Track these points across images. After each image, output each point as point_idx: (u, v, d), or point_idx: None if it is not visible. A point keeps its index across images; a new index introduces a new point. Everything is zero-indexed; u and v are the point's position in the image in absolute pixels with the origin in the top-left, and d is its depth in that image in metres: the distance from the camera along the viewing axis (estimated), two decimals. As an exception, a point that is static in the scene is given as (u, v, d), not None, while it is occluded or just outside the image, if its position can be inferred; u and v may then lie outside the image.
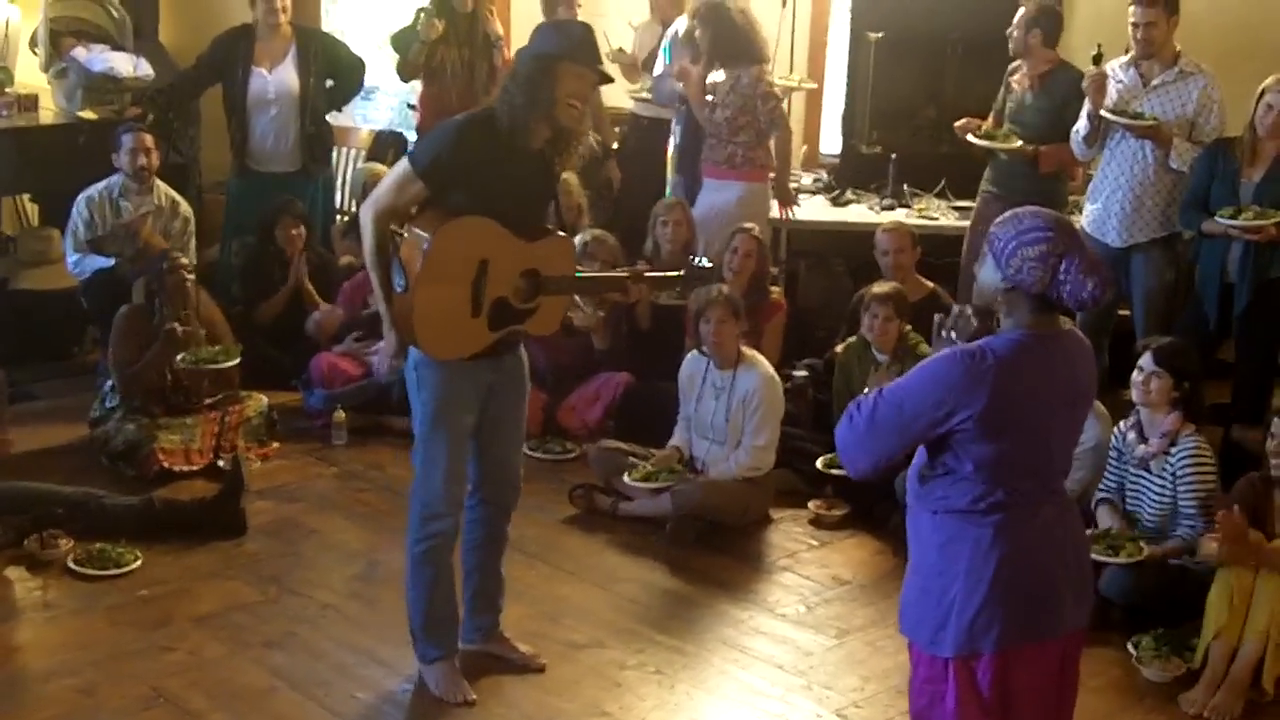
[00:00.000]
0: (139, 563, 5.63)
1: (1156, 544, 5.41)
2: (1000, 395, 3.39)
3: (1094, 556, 5.19)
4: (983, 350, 3.43)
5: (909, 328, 6.41)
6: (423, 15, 8.15)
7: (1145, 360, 5.51)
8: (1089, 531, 5.26)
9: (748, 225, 7.07)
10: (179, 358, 6.62)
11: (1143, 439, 5.55)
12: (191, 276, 6.78)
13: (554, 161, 4.60)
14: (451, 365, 4.55)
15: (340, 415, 6.92)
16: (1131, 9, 6.61)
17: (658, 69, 8.12)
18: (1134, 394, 5.55)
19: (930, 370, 3.50)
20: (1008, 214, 3.53)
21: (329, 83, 8.07)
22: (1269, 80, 6.34)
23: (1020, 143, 7.05)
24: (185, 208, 7.63)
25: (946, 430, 3.46)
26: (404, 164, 4.50)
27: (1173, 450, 5.46)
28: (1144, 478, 5.56)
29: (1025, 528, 3.51)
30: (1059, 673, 3.64)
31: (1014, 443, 3.44)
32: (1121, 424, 5.69)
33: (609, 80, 4.84)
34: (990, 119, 7.31)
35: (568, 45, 4.44)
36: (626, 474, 6.21)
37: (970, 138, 7.16)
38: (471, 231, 4.45)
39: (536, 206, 4.64)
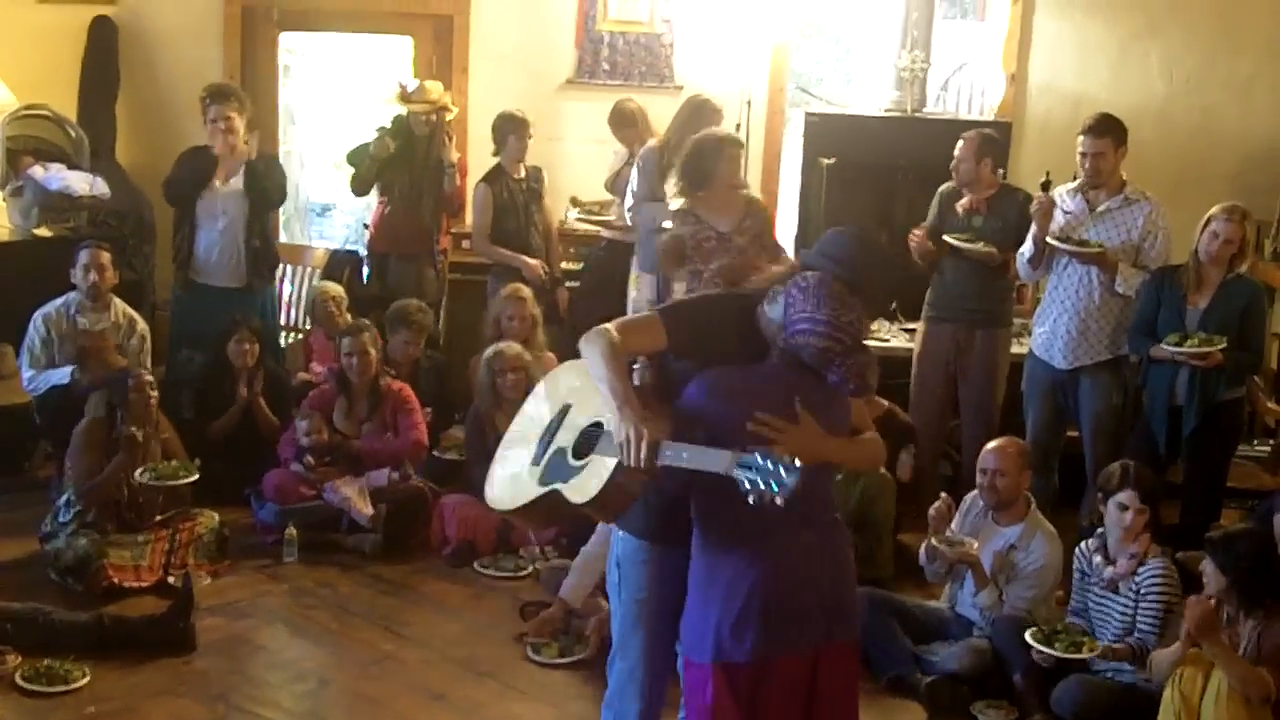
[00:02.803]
0: (87, 679, 5.54)
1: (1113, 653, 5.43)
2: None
3: (1059, 655, 5.32)
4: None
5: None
6: (379, 133, 8.34)
7: (1127, 497, 5.54)
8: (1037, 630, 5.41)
9: None
10: (138, 472, 6.60)
11: (1109, 561, 5.59)
12: (155, 394, 6.80)
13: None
14: (655, 564, 4.14)
15: (291, 532, 6.88)
16: (1081, 139, 6.75)
17: (628, 200, 7.92)
18: (1113, 527, 5.59)
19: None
20: (816, 282, 3.78)
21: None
22: (1215, 209, 6.48)
23: (993, 249, 7.09)
24: (142, 325, 7.61)
25: None
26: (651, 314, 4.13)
27: (1140, 570, 5.50)
28: (1109, 599, 5.59)
29: (783, 548, 3.80)
30: (810, 683, 3.89)
31: None
32: (1085, 545, 5.73)
33: None
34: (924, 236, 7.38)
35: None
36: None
37: (947, 238, 7.18)
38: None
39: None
